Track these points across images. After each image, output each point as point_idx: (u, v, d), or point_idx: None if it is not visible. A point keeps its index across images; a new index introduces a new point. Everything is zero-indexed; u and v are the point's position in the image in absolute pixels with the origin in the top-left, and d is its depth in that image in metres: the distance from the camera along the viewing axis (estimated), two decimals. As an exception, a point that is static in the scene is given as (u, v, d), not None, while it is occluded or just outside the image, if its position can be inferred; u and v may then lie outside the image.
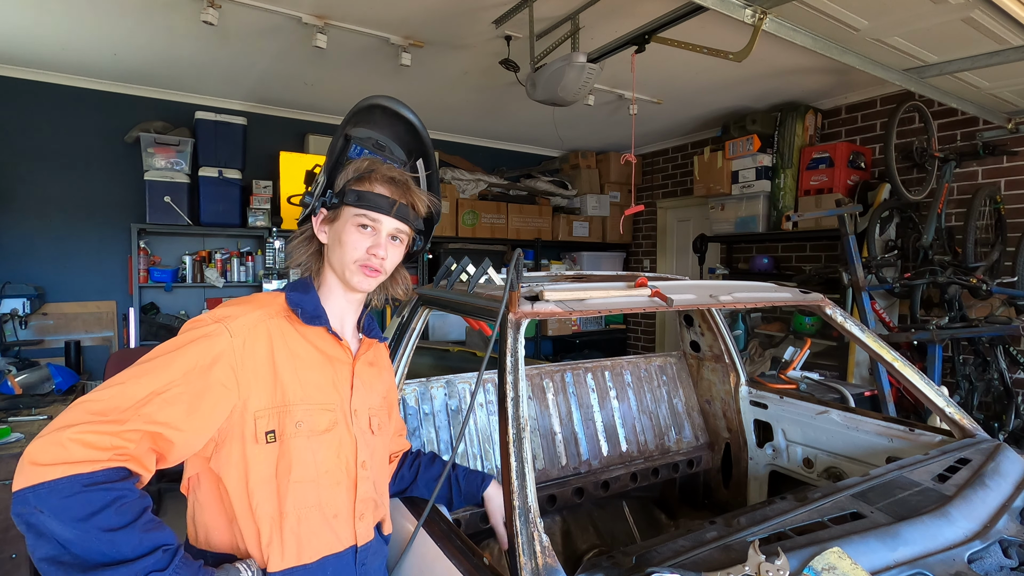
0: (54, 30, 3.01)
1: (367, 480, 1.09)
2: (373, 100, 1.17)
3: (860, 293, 3.08)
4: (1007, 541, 1.15)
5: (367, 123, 1.19)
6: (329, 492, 1.02)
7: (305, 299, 1.08)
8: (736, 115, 4.32)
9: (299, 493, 0.98)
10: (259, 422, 0.97)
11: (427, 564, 1.17)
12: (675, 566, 0.98)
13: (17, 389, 2.92)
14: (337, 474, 1.04)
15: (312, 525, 1.00)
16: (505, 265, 2.89)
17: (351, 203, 1.06)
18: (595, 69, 2.53)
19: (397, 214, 1.08)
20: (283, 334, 1.03)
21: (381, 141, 1.21)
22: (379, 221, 1.08)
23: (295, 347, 1.04)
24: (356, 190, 1.07)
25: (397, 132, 1.23)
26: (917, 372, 1.71)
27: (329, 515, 1.02)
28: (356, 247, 1.07)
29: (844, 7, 2.01)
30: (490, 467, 1.88)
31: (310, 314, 1.06)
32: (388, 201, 1.07)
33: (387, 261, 1.09)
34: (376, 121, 1.20)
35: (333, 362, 1.09)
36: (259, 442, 0.97)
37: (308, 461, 1.00)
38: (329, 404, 1.05)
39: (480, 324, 2.93)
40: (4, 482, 2.20)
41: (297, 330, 1.05)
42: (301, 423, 1.00)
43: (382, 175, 1.09)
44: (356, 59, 3.34)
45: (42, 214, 3.71)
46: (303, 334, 1.06)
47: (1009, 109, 3.09)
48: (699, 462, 2.31)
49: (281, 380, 1.00)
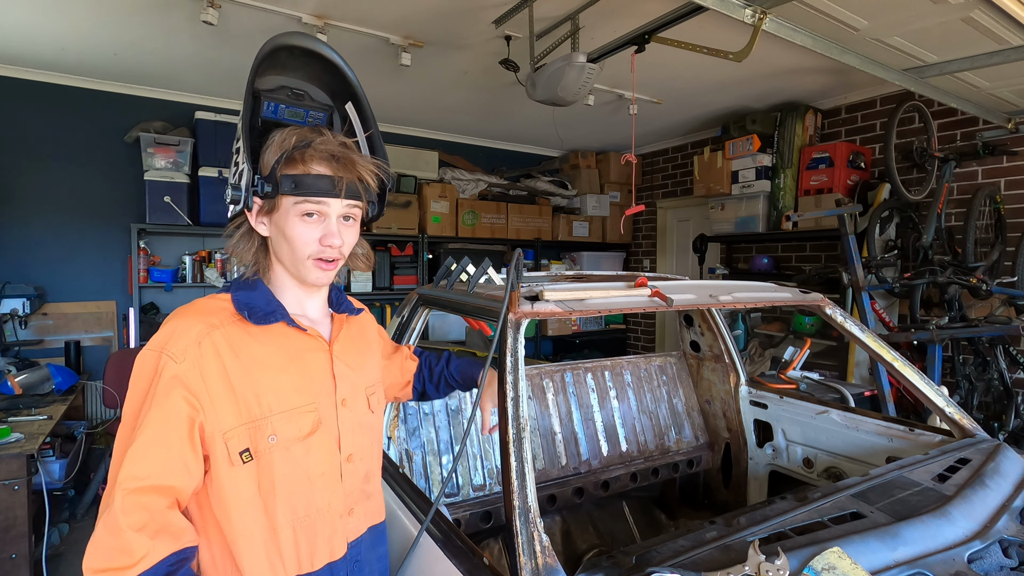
0: (54, 30, 3.01)
1: (353, 473, 1.04)
2: (275, 41, 0.97)
3: (860, 293, 3.08)
4: (1007, 541, 1.15)
5: (275, 70, 1.02)
6: (327, 492, 0.99)
7: (254, 296, 0.97)
8: (736, 115, 4.32)
9: (289, 506, 0.94)
10: (230, 443, 0.90)
11: (427, 564, 1.17)
12: (675, 566, 0.98)
13: (17, 389, 2.92)
14: (331, 474, 1.00)
15: (310, 533, 0.96)
16: (505, 265, 2.88)
17: (288, 192, 0.92)
18: (595, 69, 2.53)
19: (348, 195, 0.94)
20: (235, 343, 0.92)
21: (297, 89, 1.04)
22: (325, 204, 0.93)
23: (254, 353, 0.93)
24: (290, 175, 0.91)
25: (314, 73, 1.04)
26: (917, 372, 1.71)
27: (325, 516, 0.99)
28: (306, 241, 0.94)
29: (844, 7, 2.01)
30: (490, 467, 1.88)
31: (262, 312, 0.95)
32: (331, 181, 0.92)
33: (344, 246, 0.97)
34: (286, 65, 1.02)
35: (304, 356, 0.99)
36: (234, 464, 0.90)
37: (295, 471, 0.94)
38: (309, 404, 0.97)
39: (480, 324, 2.93)
40: (4, 482, 2.20)
41: (251, 334, 0.95)
42: (275, 435, 0.93)
43: (318, 151, 0.92)
44: (356, 59, 3.34)
45: (42, 214, 3.71)
46: (259, 336, 0.95)
47: (1009, 109, 3.09)
48: (699, 462, 2.31)
49: (242, 395, 0.91)
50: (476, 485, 1.84)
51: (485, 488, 1.85)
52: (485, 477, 1.86)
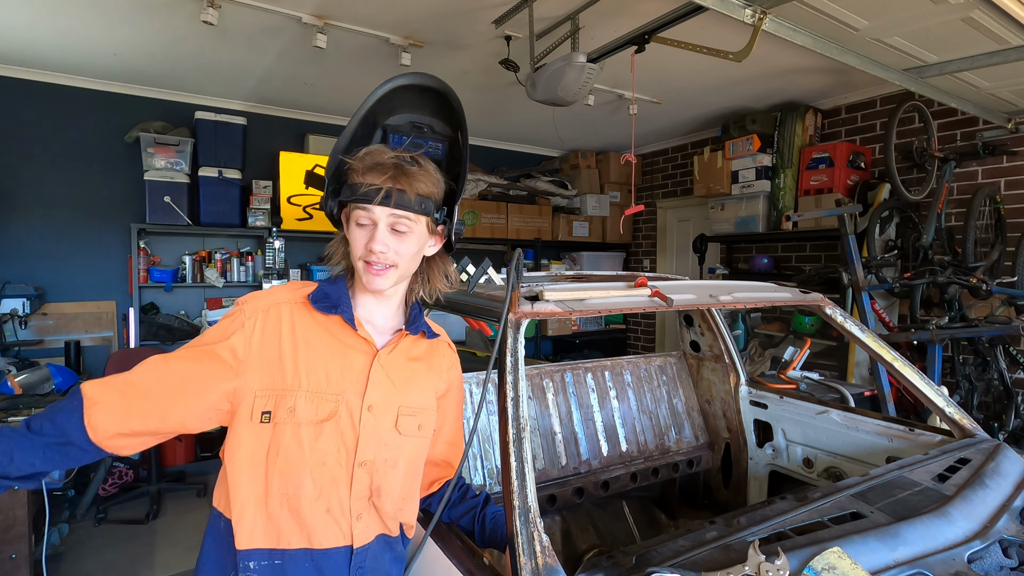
0: (54, 30, 3.02)
1: (364, 480, 1.02)
2: (397, 81, 1.07)
3: (860, 293, 3.08)
4: (1007, 541, 1.15)
5: (399, 107, 1.12)
6: (325, 484, 0.99)
7: (331, 289, 1.08)
8: (736, 115, 4.32)
9: (285, 478, 0.98)
10: (257, 401, 0.99)
11: (428, 564, 1.17)
12: (675, 566, 0.98)
13: (17, 389, 2.92)
14: (335, 468, 1.00)
15: (298, 513, 0.98)
16: (505, 265, 2.89)
17: (346, 198, 1.02)
18: (595, 69, 2.53)
19: (384, 202, 0.98)
20: (298, 320, 1.04)
21: (419, 121, 1.13)
22: (371, 211, 1.00)
23: (307, 334, 1.03)
24: (350, 183, 1.02)
25: (434, 108, 1.13)
26: (917, 372, 1.71)
27: (322, 508, 0.99)
28: (356, 245, 1.02)
29: (844, 7, 2.01)
30: (490, 467, 1.88)
31: (329, 303, 1.06)
32: (375, 190, 0.98)
33: (389, 254, 1.01)
34: (408, 103, 1.12)
35: (349, 352, 1.05)
36: (253, 420, 0.99)
37: (298, 448, 0.99)
38: (333, 394, 1.02)
39: (480, 324, 2.93)
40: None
41: (314, 318, 1.05)
42: (294, 409, 0.99)
43: (369, 162, 1.00)
44: (356, 59, 3.34)
45: (42, 214, 3.71)
46: (320, 322, 1.05)
47: (1009, 109, 3.09)
48: (699, 462, 2.31)
49: (284, 364, 1.01)
50: (476, 485, 1.84)
51: (485, 488, 1.85)
52: (485, 477, 1.86)
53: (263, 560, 0.97)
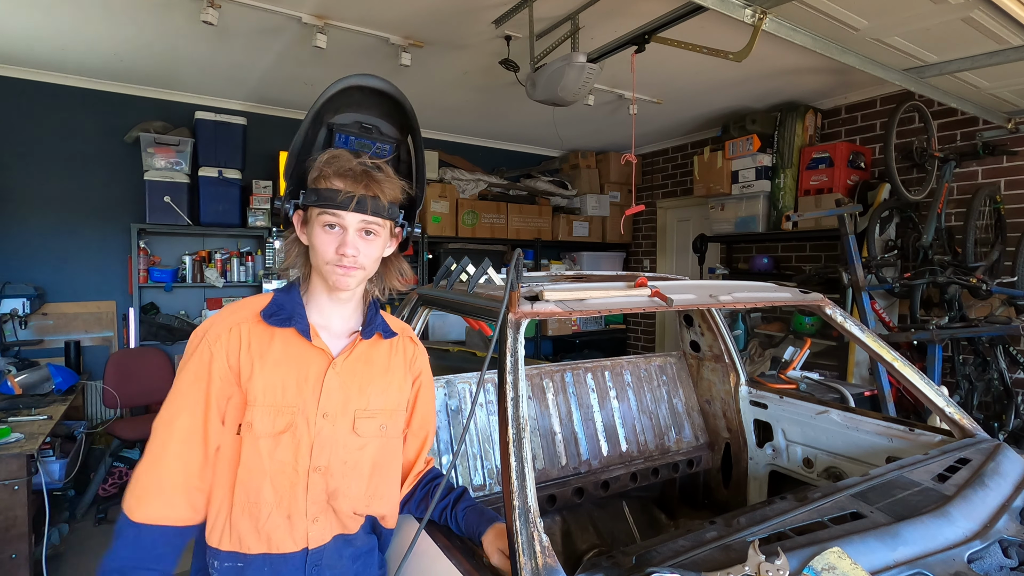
0: (55, 30, 3.02)
1: (319, 484, 1.06)
2: (348, 81, 1.10)
3: (860, 293, 3.08)
4: (1007, 541, 1.15)
5: (347, 107, 1.13)
6: (284, 492, 1.04)
7: (285, 299, 1.10)
8: (736, 115, 4.32)
9: (246, 487, 1.03)
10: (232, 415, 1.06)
11: (427, 564, 1.17)
12: (675, 566, 0.98)
13: (17, 389, 2.92)
14: (292, 475, 1.05)
15: (257, 520, 1.03)
16: (505, 265, 2.89)
17: (312, 203, 1.03)
18: (595, 69, 2.53)
19: (358, 208, 1.02)
20: (254, 338, 1.07)
21: (367, 123, 1.14)
22: (342, 217, 1.02)
23: (263, 350, 1.06)
24: (316, 188, 1.03)
25: (383, 110, 1.16)
26: (917, 372, 1.71)
27: (282, 514, 1.04)
28: (325, 249, 1.04)
29: (844, 7, 2.01)
30: (490, 467, 1.88)
31: (283, 315, 1.08)
32: (346, 196, 1.01)
33: (360, 256, 1.05)
34: (357, 102, 1.14)
35: (304, 362, 1.08)
36: (230, 432, 1.05)
37: (257, 459, 1.03)
38: (289, 406, 1.05)
39: (480, 324, 2.93)
40: (4, 482, 2.20)
41: (270, 332, 1.08)
42: (252, 423, 1.03)
43: (337, 168, 1.02)
44: (356, 59, 3.34)
45: (42, 214, 3.71)
46: (274, 336, 1.08)
47: (1009, 109, 3.09)
48: (699, 462, 2.31)
49: (243, 382, 1.05)
50: (476, 485, 1.83)
51: (485, 488, 1.84)
52: (485, 477, 1.85)
53: (227, 562, 1.03)
